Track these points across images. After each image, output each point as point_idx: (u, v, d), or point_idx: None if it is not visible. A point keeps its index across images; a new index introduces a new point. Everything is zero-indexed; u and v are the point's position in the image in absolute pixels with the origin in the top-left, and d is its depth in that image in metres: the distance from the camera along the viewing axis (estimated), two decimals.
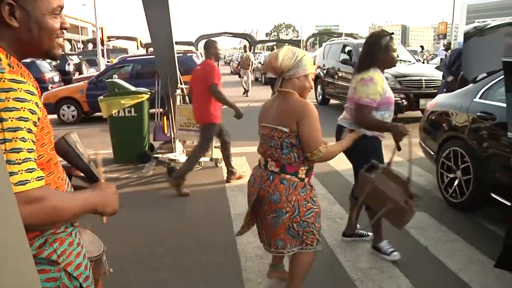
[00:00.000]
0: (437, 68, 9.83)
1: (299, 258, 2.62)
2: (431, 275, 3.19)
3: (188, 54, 11.56)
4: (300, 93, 2.47)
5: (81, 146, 1.43)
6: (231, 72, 33.15)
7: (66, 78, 17.62)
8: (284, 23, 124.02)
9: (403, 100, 8.06)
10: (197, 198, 4.97)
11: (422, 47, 26.91)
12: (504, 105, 3.80)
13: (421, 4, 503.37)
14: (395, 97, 7.87)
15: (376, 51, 3.16)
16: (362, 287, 3.02)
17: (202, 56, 19.83)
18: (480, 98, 4.17)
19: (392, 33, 3.28)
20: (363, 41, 6.70)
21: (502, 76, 3.99)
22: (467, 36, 4.74)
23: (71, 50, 47.60)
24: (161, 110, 6.76)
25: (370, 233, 3.68)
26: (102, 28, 24.44)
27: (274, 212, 2.45)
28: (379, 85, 3.07)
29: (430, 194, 4.78)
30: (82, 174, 1.48)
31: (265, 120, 2.53)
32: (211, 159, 5.82)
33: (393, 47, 3.19)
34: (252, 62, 16.33)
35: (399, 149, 3.58)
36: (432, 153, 4.75)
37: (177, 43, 6.74)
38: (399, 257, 3.34)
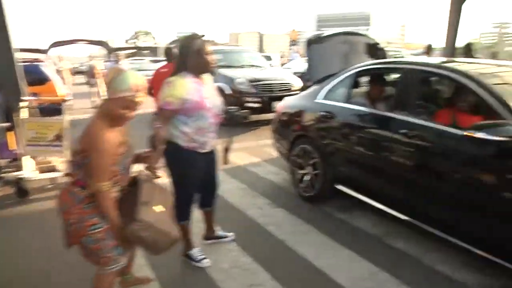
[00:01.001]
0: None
1: (94, 281, 2.54)
2: (290, 266, 3.38)
3: (35, 63, 10.64)
4: (109, 118, 2.34)
5: None
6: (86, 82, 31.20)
7: None
8: (141, 30, 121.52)
9: (251, 107, 8.24)
10: (52, 216, 4.60)
11: (281, 52, 28.60)
12: (342, 104, 4.25)
13: (277, 13, 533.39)
14: (249, 101, 8.33)
15: (187, 56, 3.03)
16: (225, 287, 3.10)
17: (55, 65, 18.37)
18: (322, 99, 4.56)
19: (203, 35, 3.10)
20: (218, 48, 6.97)
21: (340, 79, 4.44)
22: (309, 42, 5.16)
23: None
24: (6, 124, 6.12)
25: (230, 234, 3.79)
26: None
27: (63, 222, 2.43)
28: (176, 89, 2.96)
29: (286, 191, 5.08)
30: None
31: None
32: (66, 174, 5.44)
33: (206, 50, 3.04)
34: (99, 71, 15.30)
35: (225, 162, 3.72)
36: (285, 152, 5.06)
37: (24, 50, 6.19)
38: (210, 264, 3.39)
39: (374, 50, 5.36)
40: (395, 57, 12.68)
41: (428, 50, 10.92)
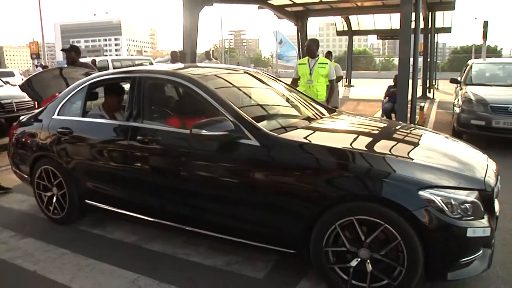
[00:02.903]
0: None
1: None
2: None
3: None
4: None
5: None
6: None
7: None
8: None
9: None
10: None
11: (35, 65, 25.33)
12: (78, 118, 4.17)
13: (14, 23, 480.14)
14: None
15: None
16: None
17: None
18: (58, 115, 4.37)
19: None
20: None
21: (73, 93, 4.34)
22: None
23: None
24: None
25: None
26: None
27: None
28: None
29: (35, 217, 4.70)
30: None
31: None
32: None
33: None
34: None
35: None
36: (26, 176, 4.68)
37: None
38: None
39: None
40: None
41: (177, 56, 11.27)
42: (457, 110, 8.06)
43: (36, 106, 8.43)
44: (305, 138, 3.28)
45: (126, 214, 3.92)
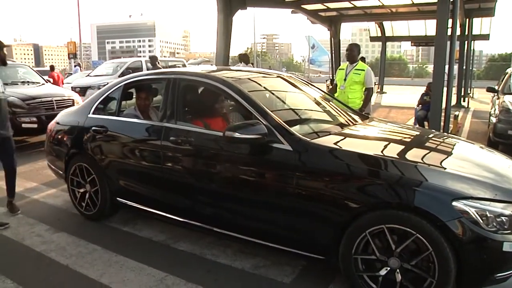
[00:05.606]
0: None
1: None
2: None
3: None
4: None
5: None
6: None
7: None
8: None
9: None
10: None
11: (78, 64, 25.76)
12: (114, 117, 4.25)
13: (53, 24, 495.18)
14: (26, 122, 7.61)
15: None
16: None
17: None
18: (93, 113, 4.47)
19: None
20: None
21: (109, 92, 4.43)
22: None
23: None
24: None
25: None
26: None
27: None
28: None
29: (68, 212, 4.82)
30: None
31: None
32: None
33: None
34: None
35: None
36: (61, 172, 4.80)
37: None
38: None
39: None
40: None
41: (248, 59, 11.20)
42: (494, 119, 7.82)
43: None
44: (337, 144, 3.26)
45: (156, 213, 3.98)
